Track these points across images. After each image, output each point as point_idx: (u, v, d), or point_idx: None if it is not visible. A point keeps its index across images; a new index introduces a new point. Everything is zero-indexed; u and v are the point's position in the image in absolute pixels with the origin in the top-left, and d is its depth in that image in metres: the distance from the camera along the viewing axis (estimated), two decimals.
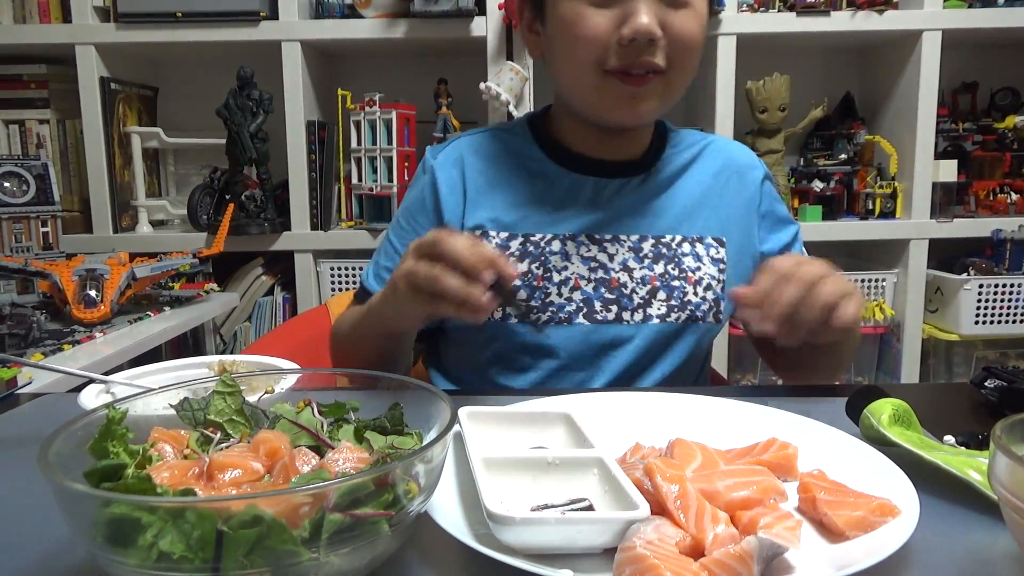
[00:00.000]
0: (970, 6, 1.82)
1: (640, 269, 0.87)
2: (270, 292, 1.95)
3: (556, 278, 0.86)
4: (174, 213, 2.00)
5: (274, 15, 1.80)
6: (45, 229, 1.54)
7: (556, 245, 0.86)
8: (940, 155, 1.92)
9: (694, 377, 0.95)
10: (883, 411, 0.58)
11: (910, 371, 1.91)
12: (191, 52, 1.98)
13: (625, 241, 0.87)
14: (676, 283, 0.87)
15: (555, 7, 0.81)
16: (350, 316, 0.91)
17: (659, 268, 0.87)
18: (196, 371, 0.72)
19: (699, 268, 0.88)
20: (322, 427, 0.49)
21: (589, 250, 0.87)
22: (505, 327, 0.87)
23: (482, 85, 1.75)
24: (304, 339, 1.21)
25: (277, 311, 1.94)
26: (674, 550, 0.41)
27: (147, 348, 1.26)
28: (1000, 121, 1.99)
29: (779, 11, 1.81)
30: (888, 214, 1.91)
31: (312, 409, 0.50)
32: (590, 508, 0.47)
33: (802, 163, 2.02)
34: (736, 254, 0.91)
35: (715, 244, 0.89)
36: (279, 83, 1.80)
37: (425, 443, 0.45)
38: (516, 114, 1.77)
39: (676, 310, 0.87)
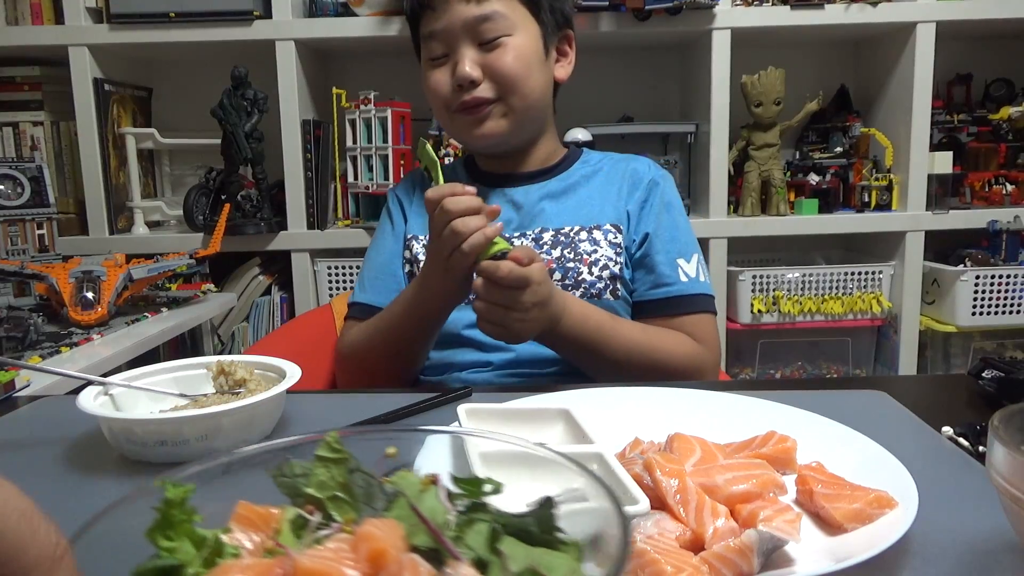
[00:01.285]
0: None
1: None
2: (267, 292, 1.95)
3: None
4: (170, 214, 1.99)
5: (268, 14, 1.79)
6: (41, 231, 1.54)
7: None
8: (935, 147, 1.92)
9: None
10: None
11: (907, 363, 1.91)
12: (185, 52, 1.97)
13: (529, 235, 1.03)
14: (571, 264, 1.00)
15: (423, 76, 1.05)
16: (366, 328, 1.02)
17: (556, 253, 1.01)
18: (194, 371, 0.72)
19: (595, 251, 1.01)
20: (449, 522, 0.36)
21: None
22: None
23: None
24: (307, 339, 1.21)
25: (275, 311, 1.94)
26: (674, 544, 0.42)
27: (145, 349, 1.26)
28: (995, 112, 1.99)
29: (773, 5, 1.81)
30: (884, 206, 1.91)
31: (439, 492, 0.36)
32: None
33: (798, 156, 2.02)
34: (632, 240, 1.04)
35: (613, 230, 1.02)
36: (274, 82, 1.80)
37: None
38: None
39: (571, 287, 1.00)
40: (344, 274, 1.88)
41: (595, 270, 1.00)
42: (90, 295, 1.29)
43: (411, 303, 0.94)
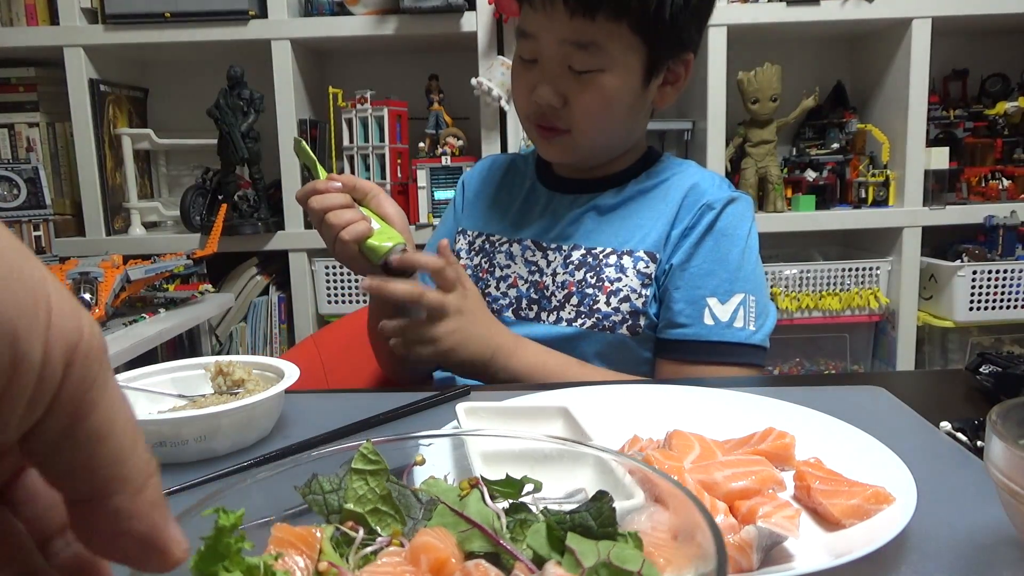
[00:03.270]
0: None
1: (563, 275, 0.94)
2: (265, 292, 1.95)
3: (498, 273, 0.98)
4: (167, 214, 1.99)
5: (263, 14, 1.79)
6: (37, 233, 1.54)
7: (507, 247, 0.99)
8: (932, 142, 1.93)
9: None
10: None
11: (905, 358, 1.91)
12: (180, 52, 1.97)
13: (564, 250, 0.96)
14: (589, 291, 0.92)
15: (513, 56, 0.96)
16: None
17: (579, 275, 0.93)
18: (192, 372, 0.72)
19: (619, 280, 0.91)
20: (499, 523, 0.34)
21: (534, 255, 0.97)
22: None
23: (474, 80, 1.74)
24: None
25: (272, 311, 1.94)
26: (667, 537, 0.42)
27: (143, 350, 1.26)
28: (991, 107, 2.00)
29: (769, 1, 1.81)
30: (881, 202, 1.92)
31: (483, 494, 0.35)
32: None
33: (794, 153, 2.02)
34: (663, 271, 0.92)
35: (646, 258, 0.92)
36: (270, 82, 1.79)
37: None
38: (507, 109, 1.77)
39: (583, 316, 0.92)
40: (342, 273, 1.88)
41: (613, 301, 0.91)
42: (87, 296, 1.29)
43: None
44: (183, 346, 1.72)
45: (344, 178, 0.86)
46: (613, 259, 0.93)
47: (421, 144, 1.90)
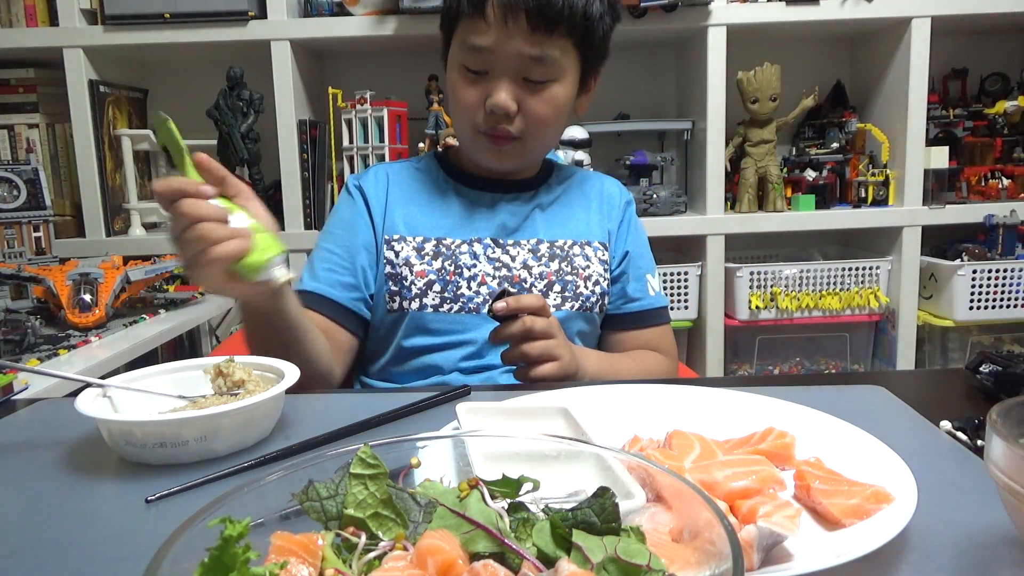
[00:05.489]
0: None
1: (538, 267, 1.03)
2: None
3: (466, 274, 1.01)
4: (166, 215, 1.99)
5: (263, 14, 1.79)
6: (37, 234, 1.53)
7: (465, 248, 1.02)
8: (931, 142, 1.93)
9: None
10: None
11: (905, 357, 1.91)
12: (180, 53, 1.97)
13: (525, 245, 1.04)
14: (569, 278, 1.03)
15: (448, 70, 1.00)
16: None
17: (554, 265, 1.03)
18: (193, 373, 0.72)
19: (588, 266, 1.05)
20: (503, 523, 0.34)
21: (494, 252, 1.03)
22: (421, 316, 1.00)
23: None
24: None
25: None
26: (667, 538, 0.42)
27: (143, 351, 1.26)
28: (990, 107, 2.00)
29: (769, 1, 1.81)
30: (881, 202, 1.92)
31: (483, 494, 0.35)
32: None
33: (794, 152, 2.02)
34: (613, 258, 1.09)
35: (601, 247, 1.07)
36: (269, 83, 1.79)
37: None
38: None
39: (570, 300, 1.03)
40: None
41: (589, 284, 1.04)
42: (87, 297, 1.29)
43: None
44: (183, 347, 1.72)
45: (213, 166, 0.74)
46: (577, 249, 1.05)
47: (421, 144, 1.90)
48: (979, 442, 0.59)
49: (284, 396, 0.67)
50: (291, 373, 0.68)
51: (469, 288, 1.01)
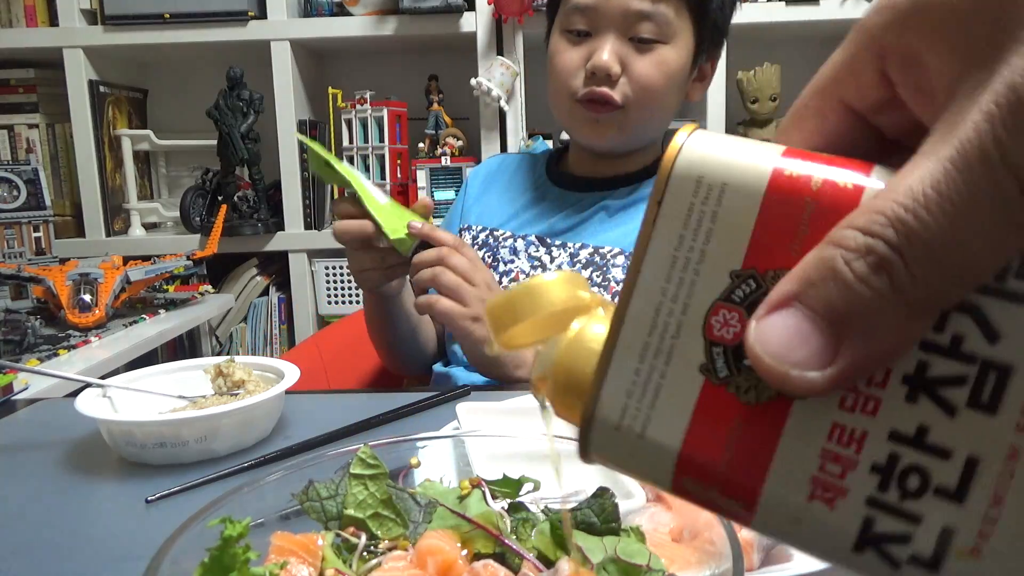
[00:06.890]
0: None
1: None
2: (265, 293, 1.95)
3: (501, 268, 0.98)
4: (167, 215, 1.99)
5: (263, 15, 1.79)
6: (37, 234, 1.53)
7: (509, 242, 1.00)
8: None
9: None
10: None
11: None
12: (180, 53, 1.97)
13: (569, 248, 0.97)
14: (595, 289, 0.93)
15: (551, 41, 0.95)
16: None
17: (584, 274, 0.94)
18: (193, 373, 0.72)
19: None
20: (503, 523, 0.34)
21: (537, 251, 0.98)
22: None
23: (473, 81, 1.74)
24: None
25: (273, 312, 1.94)
26: (667, 538, 0.42)
27: (143, 351, 1.26)
28: None
29: (769, 1, 1.81)
30: None
31: (484, 494, 0.35)
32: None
33: None
34: None
35: None
36: (269, 83, 1.79)
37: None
38: (507, 109, 1.77)
39: None
40: (342, 274, 1.88)
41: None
42: (87, 297, 1.29)
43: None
44: (183, 347, 1.72)
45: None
46: (621, 259, 0.94)
47: (421, 144, 1.90)
48: None
49: (284, 396, 0.67)
50: (291, 373, 0.68)
51: (500, 283, 0.97)
